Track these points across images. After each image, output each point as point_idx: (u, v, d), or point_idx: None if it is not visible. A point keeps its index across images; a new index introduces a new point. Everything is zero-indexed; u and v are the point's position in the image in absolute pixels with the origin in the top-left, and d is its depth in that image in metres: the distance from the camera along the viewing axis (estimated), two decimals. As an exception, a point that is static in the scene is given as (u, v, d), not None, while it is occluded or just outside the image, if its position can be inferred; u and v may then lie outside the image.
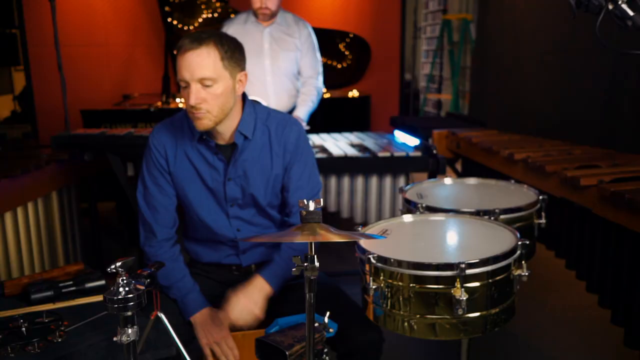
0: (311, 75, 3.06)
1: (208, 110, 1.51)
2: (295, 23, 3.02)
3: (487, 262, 1.21)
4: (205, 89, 1.49)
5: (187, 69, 1.47)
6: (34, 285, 1.46)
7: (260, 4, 2.81)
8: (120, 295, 0.95)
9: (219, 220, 1.68)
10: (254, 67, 2.93)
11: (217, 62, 1.48)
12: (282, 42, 2.97)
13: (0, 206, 1.99)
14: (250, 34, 2.92)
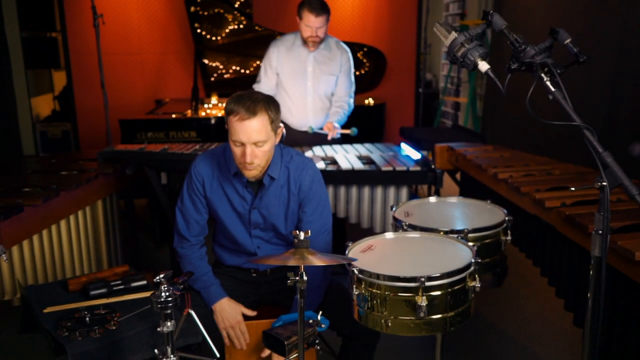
0: (344, 95, 3.38)
1: (259, 164, 1.87)
2: (337, 48, 3.33)
3: (446, 276, 1.53)
4: (257, 148, 1.84)
5: (244, 134, 1.81)
6: (91, 283, 1.85)
7: (311, 33, 3.13)
8: (162, 298, 1.31)
9: (243, 237, 2.05)
10: (297, 87, 3.28)
11: (267, 127, 1.84)
12: (325, 67, 3.29)
13: (59, 215, 2.40)
14: (297, 57, 3.24)
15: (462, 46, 1.33)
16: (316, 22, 3.09)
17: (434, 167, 2.92)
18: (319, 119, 3.39)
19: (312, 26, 3.10)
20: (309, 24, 3.10)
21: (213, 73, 5.13)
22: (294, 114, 3.37)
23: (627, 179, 1.26)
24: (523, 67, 1.34)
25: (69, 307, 1.74)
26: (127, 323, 1.67)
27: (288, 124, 3.40)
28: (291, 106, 3.36)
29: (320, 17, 3.09)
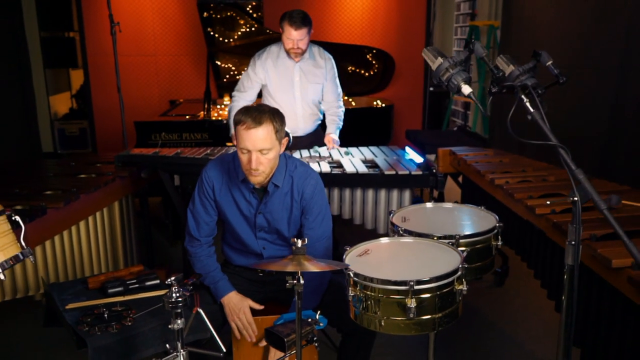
0: (333, 100, 3.52)
1: (263, 170, 2.01)
2: (320, 57, 3.45)
3: (434, 280, 1.65)
4: (262, 155, 1.98)
5: (250, 142, 1.95)
6: (109, 282, 2.00)
7: (292, 45, 3.26)
8: (173, 298, 1.45)
9: (249, 239, 2.20)
10: (286, 97, 3.42)
11: (272, 136, 1.98)
12: (311, 76, 3.42)
13: (79, 216, 2.56)
14: (283, 68, 3.37)
15: (447, 71, 1.45)
16: (297, 35, 3.21)
17: (435, 172, 3.03)
18: (308, 125, 3.54)
19: (294, 39, 3.22)
20: (290, 37, 3.22)
21: (225, 74, 5.27)
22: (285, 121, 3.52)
23: (596, 195, 1.37)
24: (504, 89, 1.46)
25: (89, 304, 1.90)
26: (141, 319, 1.82)
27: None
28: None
29: (300, 30, 3.20)
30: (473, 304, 3.40)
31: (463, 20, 8.00)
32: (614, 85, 3.50)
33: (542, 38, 4.50)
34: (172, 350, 1.52)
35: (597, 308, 1.94)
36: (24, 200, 2.48)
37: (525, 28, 4.86)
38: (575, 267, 1.42)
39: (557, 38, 4.24)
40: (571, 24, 4.08)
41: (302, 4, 5.33)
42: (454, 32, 8.34)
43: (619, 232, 1.32)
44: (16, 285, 2.26)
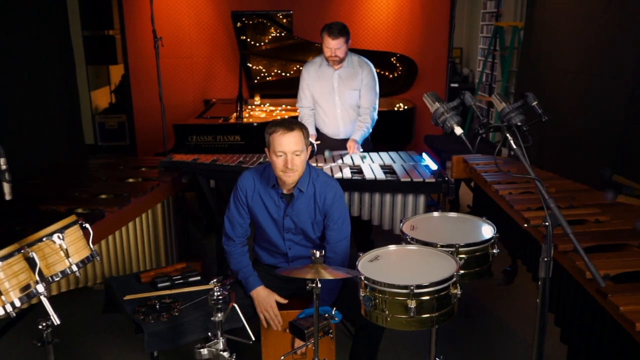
0: (368, 107, 3.82)
1: (297, 170, 2.35)
2: (359, 64, 3.77)
3: (432, 285, 1.95)
4: (296, 157, 2.31)
5: (287, 145, 2.30)
6: (158, 277, 2.36)
7: (330, 53, 3.59)
8: (216, 296, 1.79)
9: (277, 239, 2.53)
10: (327, 102, 3.77)
11: (302, 140, 2.33)
12: (349, 82, 3.74)
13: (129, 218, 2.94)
14: (324, 76, 3.73)
15: (443, 115, 1.74)
16: (334, 44, 3.54)
17: (447, 179, 3.30)
18: (348, 127, 3.86)
19: (331, 47, 3.56)
20: (328, 46, 3.56)
21: (256, 76, 5.59)
22: (327, 124, 3.86)
23: (564, 221, 1.65)
24: (491, 129, 1.74)
25: (142, 296, 2.26)
26: (186, 310, 2.17)
27: (323, 132, 3.89)
28: (324, 118, 3.84)
29: (337, 40, 3.54)
30: (481, 300, 3.68)
31: (489, 19, 8.12)
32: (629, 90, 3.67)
33: (562, 42, 4.64)
34: (213, 337, 1.86)
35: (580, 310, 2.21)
36: (83, 204, 2.87)
37: (546, 31, 5.01)
38: (547, 279, 1.70)
39: (576, 43, 4.39)
40: (589, 30, 4.23)
41: (328, 13, 5.60)
42: (480, 29, 8.47)
43: (580, 251, 1.60)
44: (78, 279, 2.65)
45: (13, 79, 4.51)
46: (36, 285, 1.77)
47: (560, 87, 4.60)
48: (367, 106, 3.81)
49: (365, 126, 3.81)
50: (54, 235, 1.85)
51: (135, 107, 6.00)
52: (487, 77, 8.00)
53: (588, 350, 2.16)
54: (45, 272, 1.84)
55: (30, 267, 1.78)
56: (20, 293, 1.72)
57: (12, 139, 4.44)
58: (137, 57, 5.79)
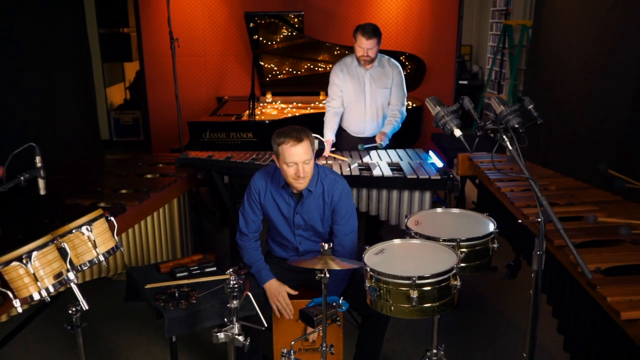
0: (398, 104, 3.96)
1: (307, 176, 2.48)
2: (389, 65, 3.91)
3: (433, 277, 2.08)
4: (306, 165, 2.45)
5: (297, 156, 2.43)
6: (176, 268, 2.52)
7: (362, 53, 3.72)
8: (231, 285, 1.93)
9: (288, 235, 2.68)
10: (357, 100, 3.92)
11: (310, 149, 2.46)
12: (379, 82, 3.88)
13: (148, 212, 3.11)
14: (356, 75, 3.87)
15: (443, 118, 1.87)
16: (367, 44, 3.68)
17: (452, 177, 3.42)
18: (373, 125, 3.99)
19: (364, 47, 3.69)
20: (361, 45, 3.69)
21: (268, 74, 5.72)
22: (354, 122, 4.00)
23: (555, 217, 1.77)
24: (489, 132, 1.86)
25: (162, 285, 2.42)
26: (203, 298, 2.32)
27: (348, 131, 4.03)
28: (352, 116, 3.99)
29: (371, 40, 3.67)
30: (485, 294, 3.81)
31: (498, 17, 8.19)
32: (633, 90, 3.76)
33: (569, 41, 4.73)
34: (228, 323, 2.00)
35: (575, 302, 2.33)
36: (106, 198, 3.03)
37: (554, 30, 5.09)
38: (539, 272, 1.83)
39: (582, 42, 4.47)
40: (595, 30, 4.32)
41: (338, 14, 5.72)
42: (490, 27, 8.54)
43: (569, 245, 1.73)
44: (101, 268, 2.81)
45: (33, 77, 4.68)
46: (67, 273, 1.92)
47: (567, 86, 4.69)
48: (397, 103, 3.96)
49: (395, 121, 3.96)
50: (82, 228, 2.01)
51: (150, 103, 6.15)
52: (497, 75, 8.07)
53: (582, 339, 2.29)
54: (75, 261, 1.99)
55: (62, 257, 1.94)
56: (54, 280, 1.88)
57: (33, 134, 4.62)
58: (152, 55, 5.95)
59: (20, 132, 4.44)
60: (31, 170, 1.96)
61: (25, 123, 4.53)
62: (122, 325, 3.40)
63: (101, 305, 3.57)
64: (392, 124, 3.94)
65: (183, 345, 3.12)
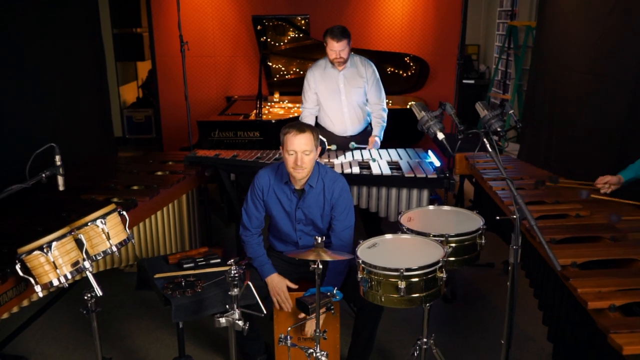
0: (377, 102, 4.12)
1: (305, 167, 2.65)
2: (362, 64, 4.06)
3: (419, 269, 2.24)
4: (305, 156, 2.61)
5: (297, 145, 2.61)
6: (183, 259, 2.70)
7: (335, 55, 3.88)
8: (232, 274, 2.10)
9: (289, 230, 2.85)
10: (334, 101, 4.07)
11: (312, 141, 2.63)
12: (353, 81, 4.03)
13: (158, 207, 3.30)
14: (329, 77, 4.02)
15: (428, 122, 2.02)
16: (338, 46, 3.82)
17: (448, 175, 3.57)
18: (356, 126, 4.16)
19: (336, 50, 3.83)
20: (332, 48, 3.84)
21: (276, 74, 5.89)
22: (334, 123, 4.16)
23: (529, 214, 1.93)
24: (470, 135, 2.02)
25: (170, 275, 2.60)
26: (207, 288, 2.50)
27: (330, 131, 4.18)
28: (331, 117, 4.14)
29: (341, 42, 3.81)
30: (481, 289, 3.95)
31: (505, 17, 8.28)
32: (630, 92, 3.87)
33: (570, 43, 4.84)
34: (229, 309, 2.17)
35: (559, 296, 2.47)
36: (118, 194, 3.23)
37: (556, 31, 5.20)
38: (515, 265, 1.98)
39: (583, 44, 4.59)
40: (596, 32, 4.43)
41: (344, 16, 5.87)
42: (497, 27, 8.63)
43: (542, 240, 1.88)
44: (113, 259, 3.01)
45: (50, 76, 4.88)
46: (83, 262, 2.11)
47: (568, 87, 4.81)
48: (377, 102, 4.10)
49: (382, 120, 4.12)
50: (97, 221, 2.20)
51: (162, 102, 6.34)
52: (502, 75, 8.17)
53: (563, 330, 2.43)
54: (91, 251, 2.18)
55: (78, 247, 2.13)
56: (71, 268, 2.07)
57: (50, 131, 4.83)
58: (164, 56, 6.13)
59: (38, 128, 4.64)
60: (51, 167, 2.14)
61: (43, 120, 4.73)
62: (133, 314, 3.61)
63: (114, 295, 3.77)
64: (379, 125, 4.09)
65: (189, 333, 3.31)
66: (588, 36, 4.56)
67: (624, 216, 2.63)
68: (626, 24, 3.99)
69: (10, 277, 2.20)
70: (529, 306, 3.64)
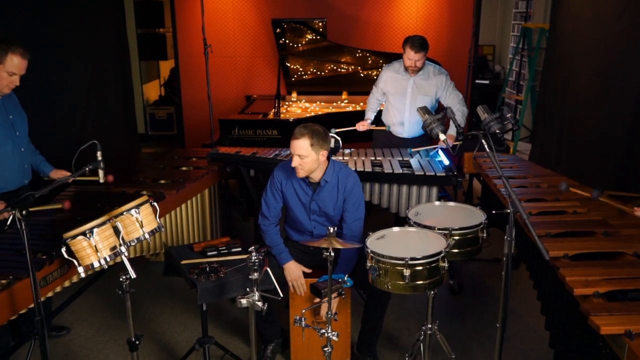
0: (457, 104, 4.14)
1: (302, 169, 2.87)
2: (434, 74, 4.22)
3: (423, 258, 2.44)
4: (301, 159, 2.84)
5: (294, 149, 2.84)
6: (207, 248, 2.94)
7: (410, 64, 4.08)
8: (252, 260, 2.33)
9: (304, 220, 3.07)
10: (398, 103, 4.25)
11: (308, 148, 2.82)
12: (422, 88, 4.21)
13: (183, 200, 3.55)
14: (400, 80, 4.22)
15: (431, 124, 2.23)
16: (415, 57, 4.02)
17: (456, 174, 3.76)
18: (413, 129, 4.33)
19: (412, 59, 4.03)
20: (409, 57, 4.04)
21: (294, 74, 6.11)
22: (394, 122, 4.37)
23: (522, 208, 2.12)
24: (469, 136, 2.22)
25: (195, 261, 2.85)
26: (229, 273, 2.74)
27: (391, 130, 4.40)
28: (393, 116, 4.35)
29: (418, 54, 4.01)
30: (487, 282, 4.14)
31: (520, 18, 8.39)
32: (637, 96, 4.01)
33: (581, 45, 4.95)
34: (250, 292, 2.40)
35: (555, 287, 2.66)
36: (147, 187, 3.49)
37: (568, 34, 5.33)
38: (509, 256, 2.18)
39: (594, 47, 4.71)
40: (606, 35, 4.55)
41: (360, 19, 6.07)
42: (512, 28, 8.74)
43: (532, 231, 2.07)
44: (143, 247, 3.26)
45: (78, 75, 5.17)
46: (120, 246, 2.36)
47: (578, 89, 4.95)
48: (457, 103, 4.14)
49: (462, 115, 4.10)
50: (132, 210, 2.44)
51: (184, 100, 6.59)
52: (516, 76, 8.28)
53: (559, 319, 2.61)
54: (126, 237, 2.43)
55: (115, 234, 2.37)
56: (110, 252, 2.32)
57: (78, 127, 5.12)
58: (187, 56, 6.39)
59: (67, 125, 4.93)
60: (94, 162, 2.40)
61: (71, 116, 5.02)
62: (159, 300, 3.87)
63: (141, 283, 4.04)
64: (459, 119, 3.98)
65: (211, 318, 3.56)
66: (598, 39, 4.68)
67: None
68: (635, 27, 4.11)
69: (55, 260, 2.46)
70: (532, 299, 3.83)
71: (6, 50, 2.76)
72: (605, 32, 4.57)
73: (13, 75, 2.82)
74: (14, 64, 2.79)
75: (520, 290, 3.96)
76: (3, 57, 2.76)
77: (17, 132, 2.97)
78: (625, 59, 4.23)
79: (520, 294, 3.90)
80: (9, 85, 2.85)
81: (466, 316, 3.69)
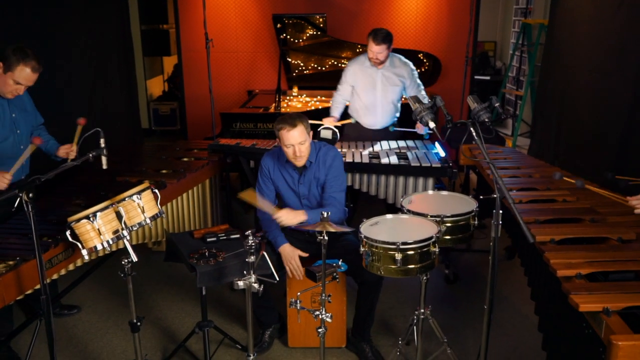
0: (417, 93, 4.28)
1: (304, 155, 2.97)
2: (400, 64, 4.31)
3: (414, 243, 2.52)
4: (301, 145, 2.93)
5: (293, 139, 2.93)
6: (207, 234, 3.03)
7: (372, 56, 4.16)
8: (249, 244, 2.42)
9: (296, 205, 3.16)
10: (369, 96, 4.34)
11: (305, 132, 2.93)
12: (390, 80, 4.30)
13: (184, 189, 3.64)
14: (368, 74, 4.29)
15: (421, 112, 2.31)
16: (376, 49, 4.09)
17: (450, 165, 3.83)
18: (385, 119, 4.42)
19: (374, 51, 4.10)
20: (371, 49, 4.11)
21: (295, 70, 6.19)
22: (366, 115, 4.43)
23: (507, 193, 2.21)
24: (458, 124, 2.30)
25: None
26: (228, 258, 2.83)
27: (361, 123, 4.47)
28: (364, 110, 4.42)
29: (380, 46, 4.08)
30: (482, 272, 4.23)
31: (520, 14, 8.45)
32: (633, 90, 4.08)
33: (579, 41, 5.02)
34: (247, 275, 2.49)
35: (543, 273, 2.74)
36: (150, 176, 3.59)
37: (566, 30, 5.40)
38: (496, 239, 2.26)
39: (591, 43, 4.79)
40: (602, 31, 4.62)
41: (360, 14, 6.15)
42: (512, 24, 8.80)
43: (517, 216, 2.15)
44: (145, 233, 3.36)
45: (83, 70, 5.26)
46: (122, 230, 2.45)
47: (576, 84, 5.03)
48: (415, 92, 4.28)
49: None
50: (134, 196, 2.54)
51: (187, 95, 6.68)
52: (516, 71, 8.34)
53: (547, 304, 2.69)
54: (128, 222, 2.52)
55: (118, 218, 2.47)
56: (112, 235, 2.41)
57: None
58: (190, 51, 6.47)
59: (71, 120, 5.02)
60: (97, 149, 2.49)
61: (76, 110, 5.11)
62: (160, 288, 3.97)
63: (144, 271, 4.14)
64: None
65: (210, 305, 3.66)
66: (595, 35, 4.75)
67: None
68: (632, 23, 4.17)
69: (60, 243, 2.56)
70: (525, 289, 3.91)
71: (19, 60, 2.81)
72: (604, 27, 4.63)
73: (19, 84, 2.87)
74: (24, 75, 2.84)
75: (514, 279, 4.04)
76: (15, 66, 2.81)
77: (18, 130, 3.05)
78: (623, 54, 4.29)
79: (514, 284, 3.99)
80: (12, 92, 2.90)
81: (460, 304, 3.78)
